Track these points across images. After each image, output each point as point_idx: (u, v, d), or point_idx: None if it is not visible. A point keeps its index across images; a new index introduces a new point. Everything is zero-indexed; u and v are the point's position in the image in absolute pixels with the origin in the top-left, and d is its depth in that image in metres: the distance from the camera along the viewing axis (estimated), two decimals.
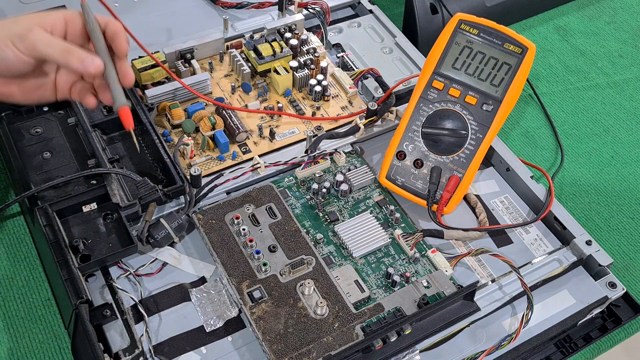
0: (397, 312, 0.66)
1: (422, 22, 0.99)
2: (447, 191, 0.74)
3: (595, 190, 0.88)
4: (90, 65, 0.60)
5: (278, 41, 0.87)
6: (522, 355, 0.68)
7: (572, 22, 1.11)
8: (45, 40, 0.60)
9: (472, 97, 0.76)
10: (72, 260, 0.66)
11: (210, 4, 0.98)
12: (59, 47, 0.60)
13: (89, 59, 0.60)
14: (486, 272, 0.72)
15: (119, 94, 0.62)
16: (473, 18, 0.77)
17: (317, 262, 0.69)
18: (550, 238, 0.76)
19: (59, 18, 0.62)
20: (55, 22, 0.62)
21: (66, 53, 0.60)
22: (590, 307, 0.71)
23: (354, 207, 0.76)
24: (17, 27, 0.60)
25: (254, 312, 0.65)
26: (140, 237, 0.69)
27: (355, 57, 0.92)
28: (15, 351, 0.67)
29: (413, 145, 0.76)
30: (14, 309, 0.70)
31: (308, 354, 0.62)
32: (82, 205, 0.71)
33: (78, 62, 0.60)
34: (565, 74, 1.03)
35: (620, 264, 0.80)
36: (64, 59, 0.60)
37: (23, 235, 0.76)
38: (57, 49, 0.60)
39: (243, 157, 0.79)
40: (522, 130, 0.94)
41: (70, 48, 0.60)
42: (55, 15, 0.62)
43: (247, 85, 0.86)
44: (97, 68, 0.61)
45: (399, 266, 0.71)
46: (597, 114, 0.97)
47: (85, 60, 0.60)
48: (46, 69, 0.64)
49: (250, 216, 0.72)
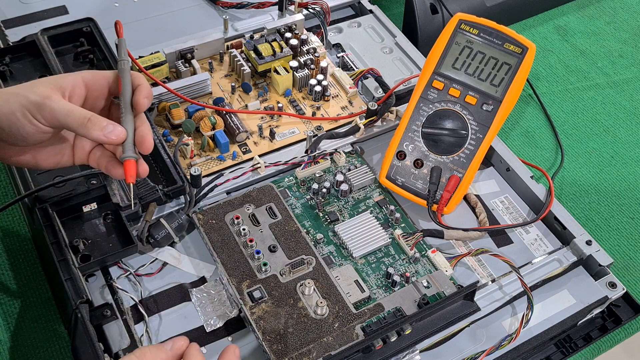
0: (397, 312, 0.66)
1: (422, 22, 0.99)
2: (447, 191, 0.74)
3: (595, 190, 0.88)
4: (111, 134, 0.57)
5: (278, 41, 0.87)
6: (522, 355, 0.68)
7: (572, 22, 1.11)
8: (65, 109, 0.56)
9: (472, 97, 0.76)
10: (72, 260, 0.66)
11: (210, 4, 0.98)
12: (79, 116, 0.57)
13: (110, 127, 0.57)
14: (486, 272, 0.72)
15: (129, 145, 0.59)
16: (473, 18, 0.77)
17: (317, 262, 0.69)
18: (550, 238, 0.76)
19: (78, 81, 0.59)
20: (74, 85, 0.59)
21: (87, 122, 0.57)
22: (590, 307, 0.71)
23: (354, 207, 0.76)
24: (33, 94, 0.56)
25: (254, 312, 0.65)
26: (140, 237, 0.69)
27: (355, 57, 0.92)
28: (15, 351, 0.67)
29: (413, 145, 0.76)
30: (14, 309, 0.70)
31: (308, 354, 0.62)
32: (82, 205, 0.71)
33: (99, 131, 0.57)
34: (565, 74, 1.03)
35: (620, 264, 0.80)
36: (85, 129, 0.57)
37: (23, 235, 0.76)
38: (78, 118, 0.57)
39: (243, 157, 0.79)
40: (522, 130, 0.94)
41: (91, 116, 0.57)
42: (74, 78, 0.59)
43: (247, 85, 0.86)
44: (119, 137, 0.57)
45: (399, 266, 0.71)
46: (597, 114, 0.97)
47: (106, 128, 0.57)
48: (64, 135, 0.61)
49: (250, 216, 0.72)
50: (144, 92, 0.60)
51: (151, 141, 0.59)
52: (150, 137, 0.60)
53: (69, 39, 0.83)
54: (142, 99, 0.60)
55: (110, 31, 0.86)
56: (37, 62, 0.80)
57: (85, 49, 0.82)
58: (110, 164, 0.60)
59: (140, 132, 0.59)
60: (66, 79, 0.59)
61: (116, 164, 0.60)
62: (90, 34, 0.83)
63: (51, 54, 0.80)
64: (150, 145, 0.59)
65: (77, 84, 0.59)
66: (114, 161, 0.60)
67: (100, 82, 0.60)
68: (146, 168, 0.60)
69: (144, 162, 0.60)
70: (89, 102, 0.60)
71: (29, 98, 0.56)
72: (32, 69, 0.80)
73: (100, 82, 0.60)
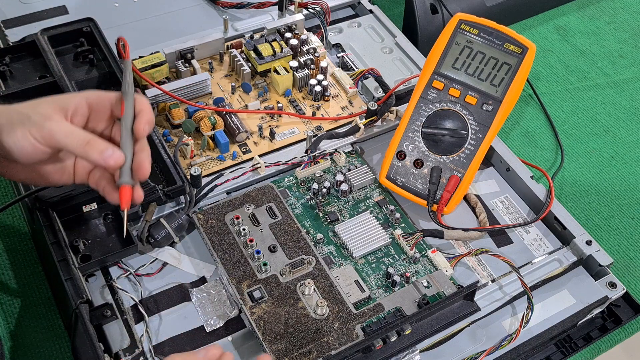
0: (397, 312, 0.66)
1: (422, 22, 0.99)
2: (447, 191, 0.74)
3: (595, 190, 0.88)
4: (109, 158, 0.57)
5: (278, 41, 0.87)
6: (522, 355, 0.68)
7: (572, 22, 1.11)
8: (65, 131, 0.57)
9: (472, 97, 0.76)
10: (73, 260, 0.66)
11: (210, 4, 0.98)
12: (79, 138, 0.57)
13: (109, 151, 0.57)
14: (486, 272, 0.72)
15: (126, 171, 0.59)
16: (473, 18, 0.77)
17: (317, 262, 0.69)
18: (550, 238, 0.76)
19: (81, 102, 0.59)
20: (77, 106, 0.59)
21: (85, 145, 0.57)
22: (590, 307, 0.71)
23: (354, 207, 0.76)
24: (35, 115, 0.57)
25: (254, 312, 0.65)
26: (140, 237, 0.69)
27: (355, 57, 0.92)
28: (15, 351, 0.67)
29: (413, 145, 0.76)
30: (14, 309, 0.70)
31: (308, 354, 0.62)
32: (82, 205, 0.71)
33: (97, 155, 0.57)
34: (565, 74, 1.03)
35: (620, 264, 0.80)
36: (83, 151, 0.57)
37: (23, 235, 0.76)
38: (77, 140, 0.57)
39: (243, 157, 0.79)
40: (522, 130, 0.94)
41: (90, 139, 0.57)
42: (77, 99, 0.59)
43: (247, 85, 0.86)
44: (117, 162, 0.58)
45: (399, 266, 0.71)
46: (597, 114, 0.97)
47: (104, 152, 0.57)
48: (64, 156, 0.62)
49: (250, 216, 0.72)
50: (145, 118, 0.60)
51: (148, 169, 0.60)
52: (148, 164, 0.60)
53: (69, 39, 0.83)
54: (143, 126, 0.60)
55: (110, 31, 0.87)
56: (37, 62, 0.80)
57: (85, 49, 0.82)
58: (108, 188, 0.61)
59: (138, 158, 0.60)
60: (70, 100, 0.59)
61: (114, 187, 0.61)
62: (90, 34, 0.83)
63: (51, 54, 0.80)
64: (146, 173, 0.60)
65: (80, 105, 0.59)
66: (112, 185, 0.61)
67: (103, 103, 0.61)
68: (141, 195, 0.61)
69: (139, 188, 0.61)
70: (91, 122, 0.61)
71: (30, 118, 0.57)
72: (32, 69, 0.80)
73: (104, 104, 0.61)
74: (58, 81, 0.77)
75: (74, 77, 0.80)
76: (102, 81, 0.81)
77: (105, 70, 0.81)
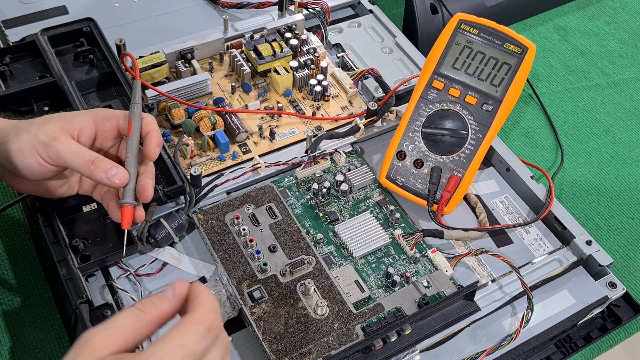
0: (397, 312, 0.66)
1: (422, 22, 0.99)
2: (447, 191, 0.74)
3: (595, 190, 0.88)
4: (114, 177, 0.59)
5: (278, 41, 0.87)
6: (522, 355, 0.69)
7: (572, 22, 1.11)
8: (71, 150, 0.58)
9: (472, 97, 0.76)
10: (72, 260, 0.66)
11: (210, 4, 0.98)
12: (84, 158, 0.58)
13: (113, 170, 0.58)
14: (486, 272, 0.72)
15: (129, 191, 0.60)
16: (473, 18, 0.77)
17: (317, 262, 0.69)
18: (550, 238, 0.76)
19: (89, 121, 0.60)
20: (83, 126, 0.60)
21: (91, 164, 0.58)
22: (590, 307, 0.71)
23: (354, 207, 0.76)
24: (42, 134, 0.58)
25: (254, 312, 0.65)
26: (140, 237, 0.69)
27: (355, 57, 0.92)
28: (15, 351, 0.67)
29: (413, 145, 0.76)
30: (14, 309, 0.70)
31: (308, 354, 0.62)
32: (82, 205, 0.71)
33: (102, 174, 0.58)
34: (565, 74, 1.03)
35: (620, 264, 0.80)
36: (89, 170, 0.58)
37: (23, 235, 0.76)
38: (82, 159, 0.58)
39: (243, 157, 0.79)
40: (522, 130, 0.94)
41: (95, 159, 0.59)
42: (84, 118, 0.60)
43: (247, 85, 0.86)
44: (121, 181, 0.59)
45: (399, 266, 0.71)
46: (597, 114, 0.97)
47: (109, 172, 0.58)
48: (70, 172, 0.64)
49: (250, 216, 0.72)
50: (155, 140, 0.61)
51: (151, 192, 0.61)
52: (151, 187, 0.61)
53: (69, 39, 0.83)
54: (154, 148, 0.61)
55: (110, 31, 0.87)
56: (37, 62, 0.80)
57: (85, 49, 0.82)
58: (112, 204, 0.63)
59: (142, 180, 0.61)
60: (76, 119, 0.60)
61: (117, 205, 0.62)
62: (90, 34, 0.83)
63: (51, 54, 0.80)
64: (149, 196, 0.61)
65: (87, 124, 0.60)
66: (116, 201, 0.62)
67: (110, 121, 0.62)
68: (142, 215, 0.62)
69: (141, 208, 0.62)
70: (98, 140, 0.62)
71: (38, 138, 0.58)
72: (32, 69, 0.80)
73: (111, 122, 0.62)
74: (58, 81, 0.77)
75: (74, 77, 0.79)
76: (102, 81, 0.81)
77: (105, 70, 0.81)
